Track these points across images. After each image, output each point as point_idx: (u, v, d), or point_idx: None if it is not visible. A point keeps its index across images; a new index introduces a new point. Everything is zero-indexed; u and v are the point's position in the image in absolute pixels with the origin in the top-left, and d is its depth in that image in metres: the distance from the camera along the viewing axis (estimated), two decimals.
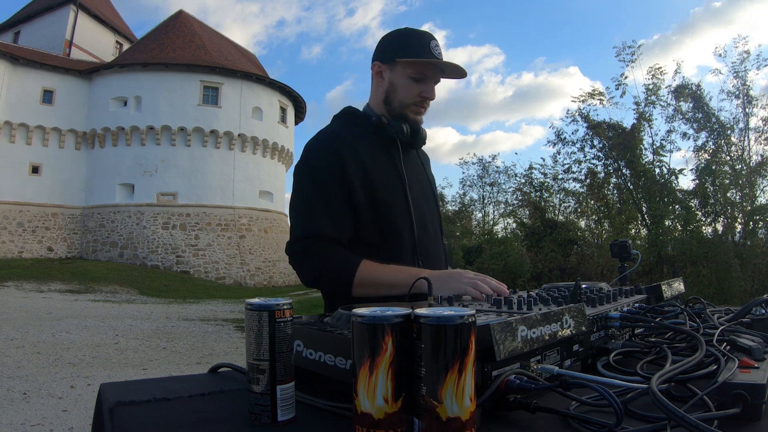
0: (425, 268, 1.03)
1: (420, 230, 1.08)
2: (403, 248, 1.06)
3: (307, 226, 1.02)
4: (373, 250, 1.03)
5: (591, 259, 11.77)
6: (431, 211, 1.17)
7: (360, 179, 1.03)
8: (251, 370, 0.51)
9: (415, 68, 1.07)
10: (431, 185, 1.22)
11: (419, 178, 1.17)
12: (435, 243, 1.16)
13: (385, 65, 1.10)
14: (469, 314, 0.42)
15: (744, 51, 11.05)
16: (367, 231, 1.04)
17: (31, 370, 4.51)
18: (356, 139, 1.08)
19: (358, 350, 0.43)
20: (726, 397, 0.48)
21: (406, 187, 1.08)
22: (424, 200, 1.15)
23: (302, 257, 1.02)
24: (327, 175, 1.03)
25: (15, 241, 16.80)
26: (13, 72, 16.81)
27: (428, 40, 1.07)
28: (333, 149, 1.04)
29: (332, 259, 1.00)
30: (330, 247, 1.01)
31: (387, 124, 1.09)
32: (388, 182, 1.07)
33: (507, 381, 0.49)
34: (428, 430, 0.41)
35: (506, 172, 16.86)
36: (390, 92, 1.10)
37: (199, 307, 10.87)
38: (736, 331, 0.72)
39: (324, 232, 1.01)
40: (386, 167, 1.08)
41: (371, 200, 1.04)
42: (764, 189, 11.02)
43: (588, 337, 0.66)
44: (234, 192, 18.31)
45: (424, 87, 1.09)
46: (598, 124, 11.99)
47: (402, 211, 1.07)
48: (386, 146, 1.10)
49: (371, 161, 1.06)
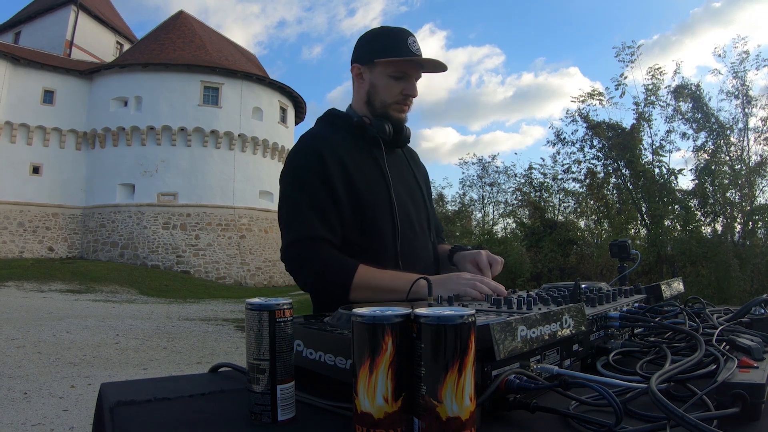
0: (408, 268, 1.01)
1: (405, 229, 1.07)
2: (386, 248, 1.05)
3: (299, 229, 1.01)
4: (356, 250, 1.02)
5: (590, 259, 11.76)
6: (419, 210, 1.16)
7: (341, 179, 1.02)
8: (251, 369, 0.51)
9: (394, 67, 1.06)
10: (419, 184, 1.20)
11: (405, 177, 1.16)
12: (423, 242, 1.15)
13: (364, 66, 1.09)
14: (469, 314, 0.42)
15: (743, 51, 11.05)
16: (350, 230, 1.03)
17: (31, 369, 4.52)
18: (338, 140, 1.07)
19: (358, 350, 0.43)
20: (725, 396, 0.48)
21: (390, 186, 1.07)
22: (411, 199, 1.14)
23: (299, 262, 1.01)
24: (310, 174, 1.02)
25: (16, 241, 16.81)
26: (13, 72, 16.82)
27: (405, 37, 1.06)
28: (313, 149, 1.04)
29: (329, 263, 0.99)
30: (325, 250, 1.00)
31: (369, 124, 1.09)
32: (370, 182, 1.06)
33: (507, 381, 0.49)
34: (428, 430, 0.41)
35: (506, 172, 16.87)
36: (371, 93, 1.09)
37: (200, 307, 10.87)
38: (735, 330, 0.73)
39: (317, 234, 1.00)
40: (369, 167, 1.07)
41: (354, 200, 1.03)
42: (763, 189, 11.03)
43: (587, 336, 0.66)
44: (234, 192, 18.32)
45: (405, 85, 1.08)
46: (598, 125, 11.99)
47: (385, 211, 1.06)
48: (369, 146, 1.09)
49: (353, 162, 1.05)
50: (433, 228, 1.22)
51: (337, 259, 1.00)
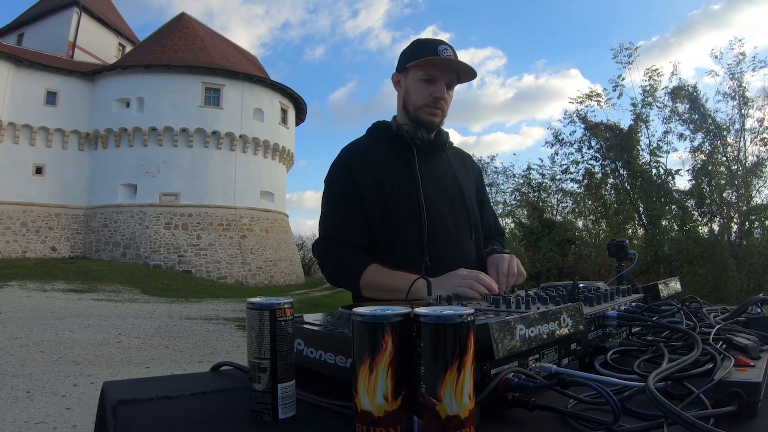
0: (438, 270, 1.02)
1: (437, 231, 1.11)
2: (411, 249, 1.09)
3: (327, 230, 1.13)
4: (384, 251, 1.10)
5: (589, 258, 11.77)
6: (456, 212, 1.17)
7: (371, 189, 1.11)
8: (252, 368, 0.51)
9: (423, 70, 1.12)
10: (461, 187, 1.21)
11: (441, 180, 1.18)
12: (459, 244, 1.16)
13: (400, 74, 1.18)
14: (468, 313, 0.42)
15: (740, 53, 11.02)
16: (378, 233, 1.11)
17: (34, 368, 4.53)
18: (376, 150, 1.16)
19: (359, 349, 0.43)
20: (722, 395, 0.48)
21: (419, 188, 1.11)
22: (447, 201, 1.16)
23: (325, 258, 1.13)
24: (338, 186, 1.14)
25: (19, 241, 16.87)
26: (17, 74, 16.87)
27: (436, 44, 1.12)
28: (346, 163, 1.15)
29: (345, 262, 1.08)
30: (347, 251, 1.09)
31: (405, 132, 1.14)
32: (400, 186, 1.11)
33: (505, 379, 0.49)
34: (428, 428, 0.42)
35: (505, 173, 16.84)
36: (406, 98, 1.16)
37: (201, 306, 10.89)
38: (732, 329, 0.72)
39: (341, 237, 1.10)
40: (400, 172, 1.13)
41: (381, 204, 1.11)
42: (760, 189, 11.02)
43: (586, 335, 0.66)
44: (235, 192, 18.34)
45: (434, 87, 1.12)
46: (596, 126, 11.99)
47: (412, 213, 1.10)
48: (404, 153, 1.15)
49: (384, 168, 1.13)
50: (475, 230, 1.21)
51: (351, 258, 1.07)
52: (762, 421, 0.47)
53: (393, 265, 1.02)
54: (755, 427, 0.46)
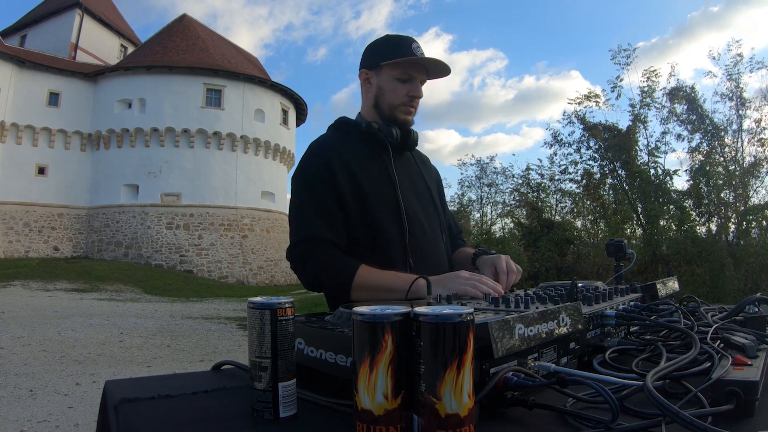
0: (419, 268, 1.03)
1: (414, 230, 1.09)
2: (394, 249, 1.07)
3: (304, 229, 1.05)
4: (365, 251, 1.05)
5: (587, 258, 11.78)
6: (428, 212, 1.17)
7: (348, 183, 1.06)
8: (253, 367, 0.51)
9: (400, 69, 1.10)
10: (428, 187, 1.21)
11: (413, 180, 1.18)
12: (434, 243, 1.16)
13: (371, 71, 1.14)
14: (468, 312, 0.42)
15: (737, 54, 11.01)
16: (359, 233, 1.07)
17: (37, 367, 4.55)
18: (346, 146, 1.11)
19: (359, 348, 0.43)
20: (720, 393, 0.48)
21: (397, 189, 1.09)
22: (420, 201, 1.15)
23: (302, 260, 1.05)
24: (318, 181, 1.07)
25: (21, 241, 16.93)
26: (19, 75, 16.94)
27: (409, 42, 1.11)
28: (322, 157, 1.08)
29: (331, 263, 1.02)
30: (328, 250, 1.04)
31: (377, 129, 1.11)
32: (378, 185, 1.09)
33: (504, 378, 0.49)
34: (427, 427, 0.42)
35: (504, 173, 16.81)
36: (379, 96, 1.13)
37: (203, 305, 10.91)
38: (729, 329, 0.72)
39: (321, 235, 1.03)
40: (376, 171, 1.10)
41: (361, 203, 1.06)
42: (757, 189, 11.03)
43: (584, 334, 0.67)
44: (236, 193, 18.38)
45: (410, 86, 1.12)
46: (594, 126, 11.99)
47: (392, 213, 1.08)
48: (377, 151, 1.12)
49: (360, 166, 1.08)
50: (445, 229, 1.23)
51: (338, 259, 1.03)
52: (759, 419, 0.48)
53: (378, 265, 1.00)
54: (753, 426, 0.47)
